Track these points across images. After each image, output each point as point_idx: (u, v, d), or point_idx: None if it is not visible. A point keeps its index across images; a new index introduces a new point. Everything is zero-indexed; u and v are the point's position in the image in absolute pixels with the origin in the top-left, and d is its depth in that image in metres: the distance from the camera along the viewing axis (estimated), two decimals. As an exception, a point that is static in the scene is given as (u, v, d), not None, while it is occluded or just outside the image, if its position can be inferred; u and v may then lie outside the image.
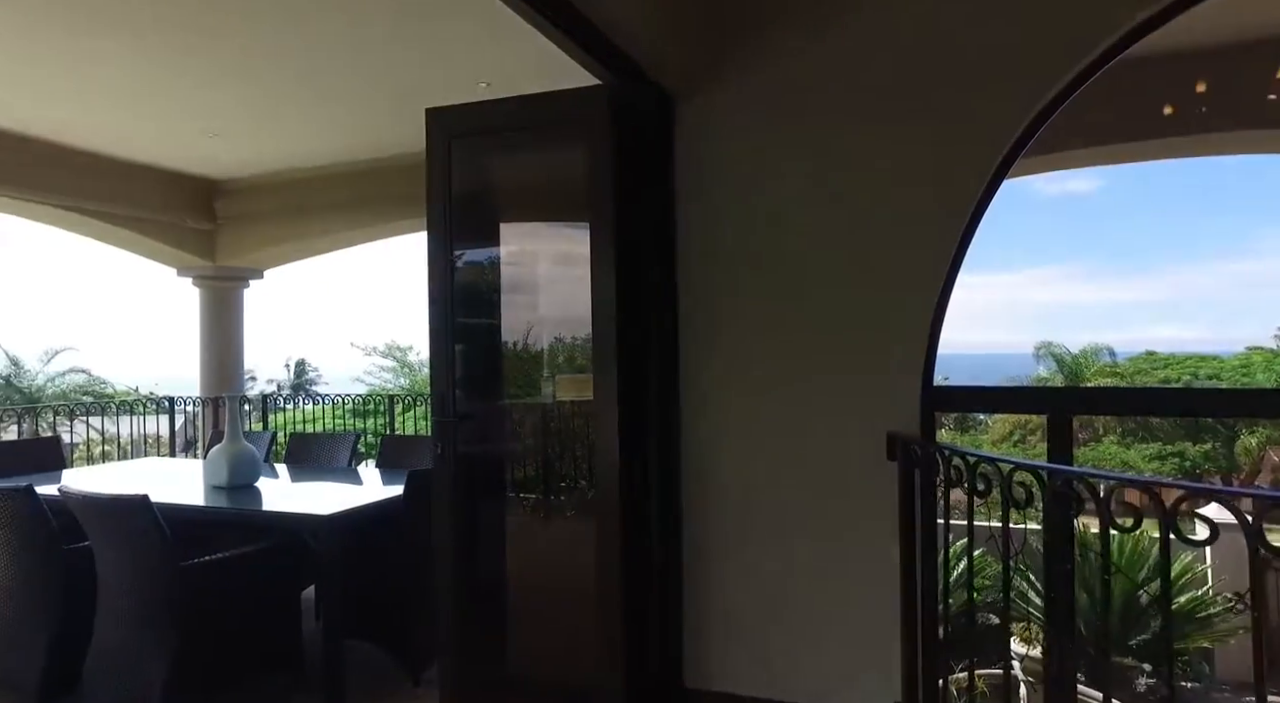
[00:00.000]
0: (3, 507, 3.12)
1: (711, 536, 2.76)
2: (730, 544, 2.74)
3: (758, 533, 2.70)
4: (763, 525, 2.69)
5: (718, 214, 2.75)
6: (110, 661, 2.93)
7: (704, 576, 2.77)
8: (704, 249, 2.77)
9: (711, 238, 2.76)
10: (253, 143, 6.16)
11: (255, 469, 3.78)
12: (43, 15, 3.88)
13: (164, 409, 7.91)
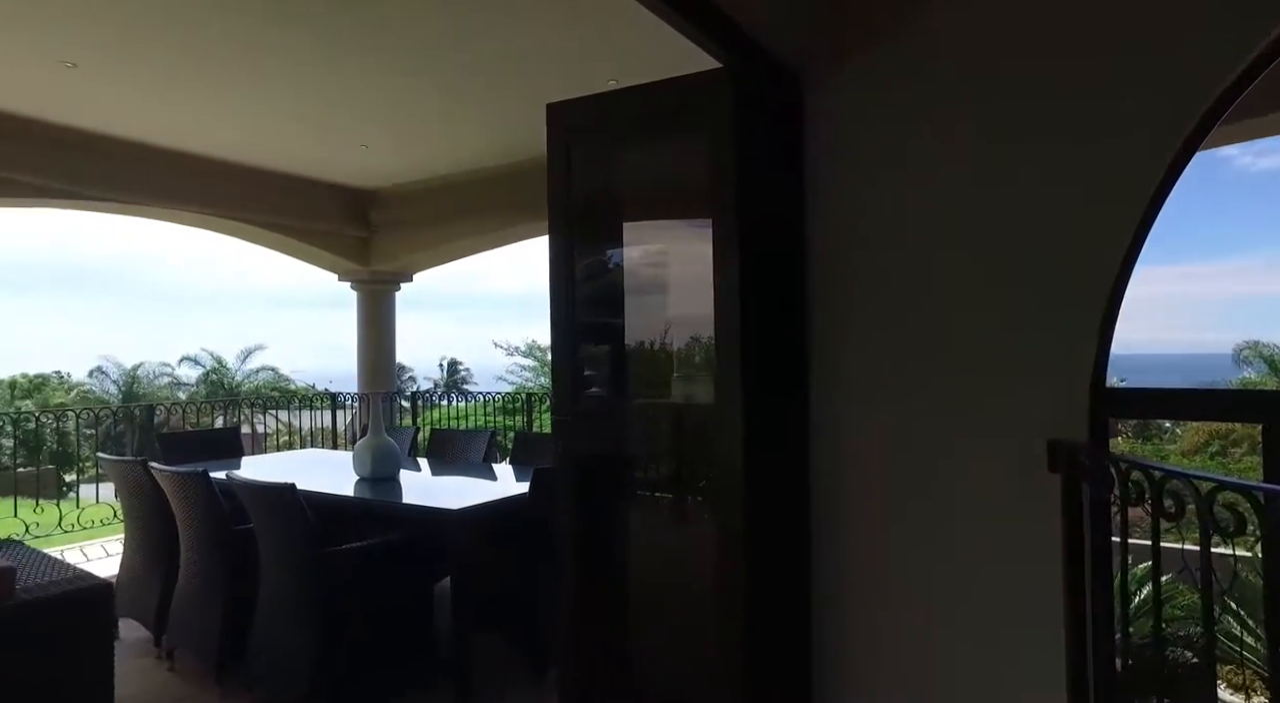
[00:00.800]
0: (185, 489, 3.44)
1: (844, 549, 2.56)
2: (865, 561, 2.52)
3: (897, 548, 2.47)
4: (902, 539, 2.46)
5: (852, 205, 2.54)
6: (269, 633, 3.16)
7: (836, 594, 2.57)
8: (836, 242, 2.56)
9: (844, 231, 2.55)
10: (400, 153, 6.56)
11: (395, 462, 3.97)
12: (225, 57, 4.31)
13: (331, 404, 8.57)
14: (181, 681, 3.47)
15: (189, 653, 3.56)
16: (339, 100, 5.21)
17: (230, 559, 3.34)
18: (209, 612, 3.38)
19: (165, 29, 4.07)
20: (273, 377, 23.37)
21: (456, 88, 4.98)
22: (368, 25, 4.02)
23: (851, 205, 2.54)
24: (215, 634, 3.31)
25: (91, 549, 5.87)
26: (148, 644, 3.73)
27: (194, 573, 3.51)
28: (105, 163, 5.84)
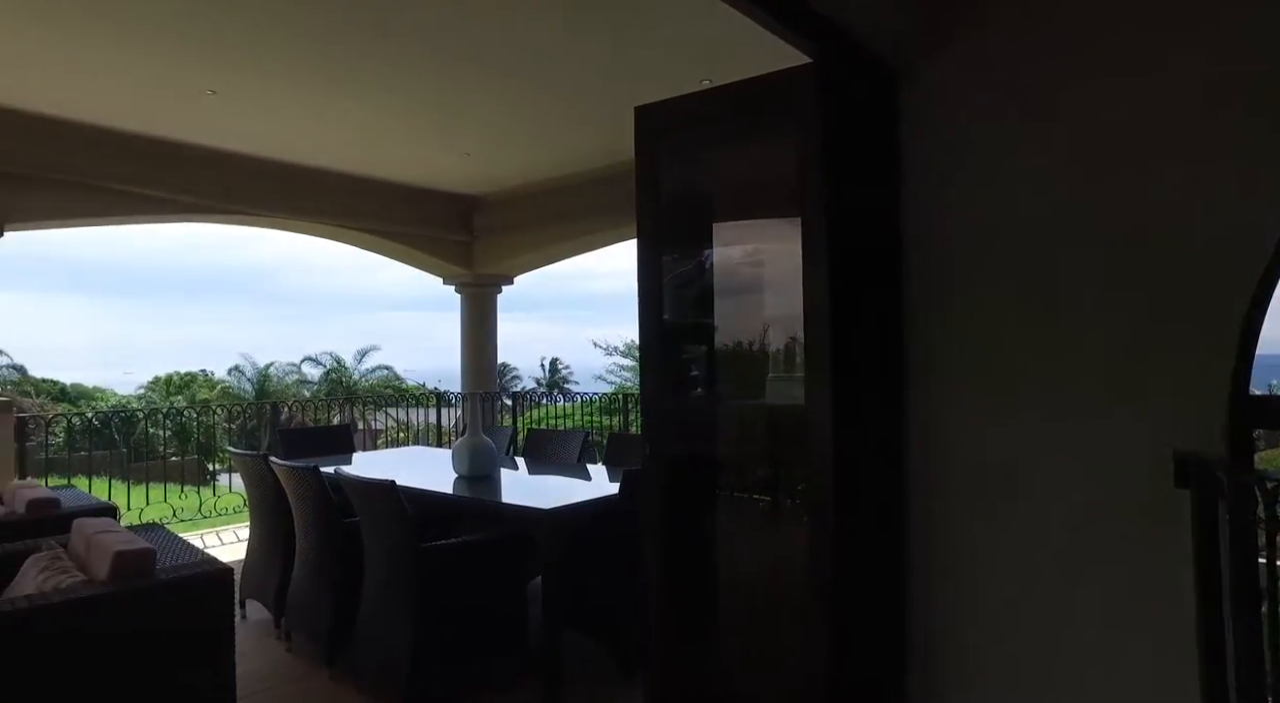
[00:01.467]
0: (298, 483, 3.66)
1: (941, 559, 2.42)
2: (964, 580, 2.38)
3: (1001, 567, 2.31)
4: (1005, 556, 2.30)
5: (954, 200, 2.40)
6: (372, 622, 3.31)
7: (934, 613, 2.44)
8: (935, 241, 2.43)
9: (944, 228, 2.42)
10: (500, 160, 6.77)
11: (492, 461, 4.07)
12: (343, 77, 4.58)
13: (437, 403, 8.93)
14: (297, 660, 3.69)
15: (303, 635, 3.79)
16: (444, 112, 5.43)
17: (339, 550, 3.52)
18: (320, 598, 3.58)
19: (290, 54, 4.39)
20: (387, 375, 24.62)
21: (553, 94, 5.08)
22: (468, 40, 4.18)
23: (953, 200, 2.40)
24: (325, 620, 3.51)
25: (225, 534, 6.35)
26: (269, 625, 4.00)
27: (307, 561, 3.73)
28: (242, 179, 6.33)
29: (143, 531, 3.32)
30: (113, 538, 2.49)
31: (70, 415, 11.34)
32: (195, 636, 2.48)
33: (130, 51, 4.34)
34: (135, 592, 2.32)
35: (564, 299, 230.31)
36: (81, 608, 2.23)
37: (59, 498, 3.64)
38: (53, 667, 2.17)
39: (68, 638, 2.21)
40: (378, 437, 12.50)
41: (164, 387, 26.10)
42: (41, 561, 2.60)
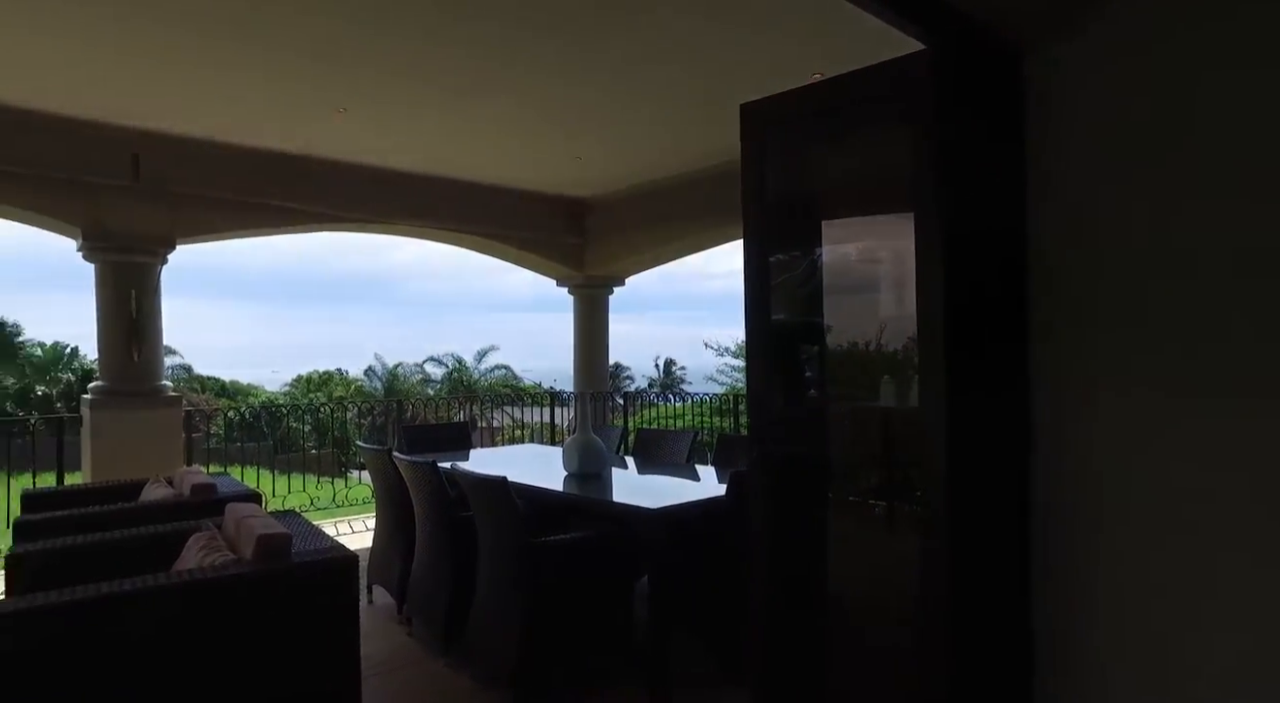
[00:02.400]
0: (418, 477, 3.86)
1: (1074, 579, 2.24)
2: (1107, 606, 2.18)
3: (1154, 579, 2.11)
4: (1161, 570, 2.09)
5: (1085, 194, 2.22)
6: (485, 612, 3.43)
7: (1063, 627, 2.26)
8: (1067, 238, 2.24)
9: (1077, 224, 2.23)
10: (610, 163, 6.88)
11: (601, 460, 4.14)
12: (460, 91, 4.79)
13: (550, 402, 9.19)
14: (416, 645, 3.89)
15: (422, 621, 3.99)
16: (557, 118, 5.58)
17: (454, 542, 3.68)
18: (437, 588, 3.76)
19: (416, 73, 4.64)
20: (505, 375, 25.53)
21: (661, 95, 5.11)
22: (576, 47, 4.27)
23: (1080, 195, 2.22)
24: (442, 608, 3.67)
25: (356, 523, 6.79)
26: (393, 610, 4.23)
27: (425, 552, 3.92)
28: (371, 190, 6.76)
29: (282, 517, 3.59)
30: (257, 522, 2.71)
31: (227, 411, 12.48)
32: (325, 615, 2.66)
33: (274, 79, 4.72)
34: (274, 572, 2.51)
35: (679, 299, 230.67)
36: (230, 584, 2.44)
37: (216, 484, 3.99)
38: (206, 632, 2.39)
39: (219, 608, 2.42)
40: (496, 434, 13.01)
41: (305, 385, 28.18)
42: (201, 539, 2.87)
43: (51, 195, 5.48)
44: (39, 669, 2.14)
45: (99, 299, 5.80)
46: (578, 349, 8.76)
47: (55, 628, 2.18)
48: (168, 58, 4.42)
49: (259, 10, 3.82)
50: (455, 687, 3.42)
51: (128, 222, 5.71)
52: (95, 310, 5.82)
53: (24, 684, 2.12)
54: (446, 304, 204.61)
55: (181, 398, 6.47)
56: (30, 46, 4.24)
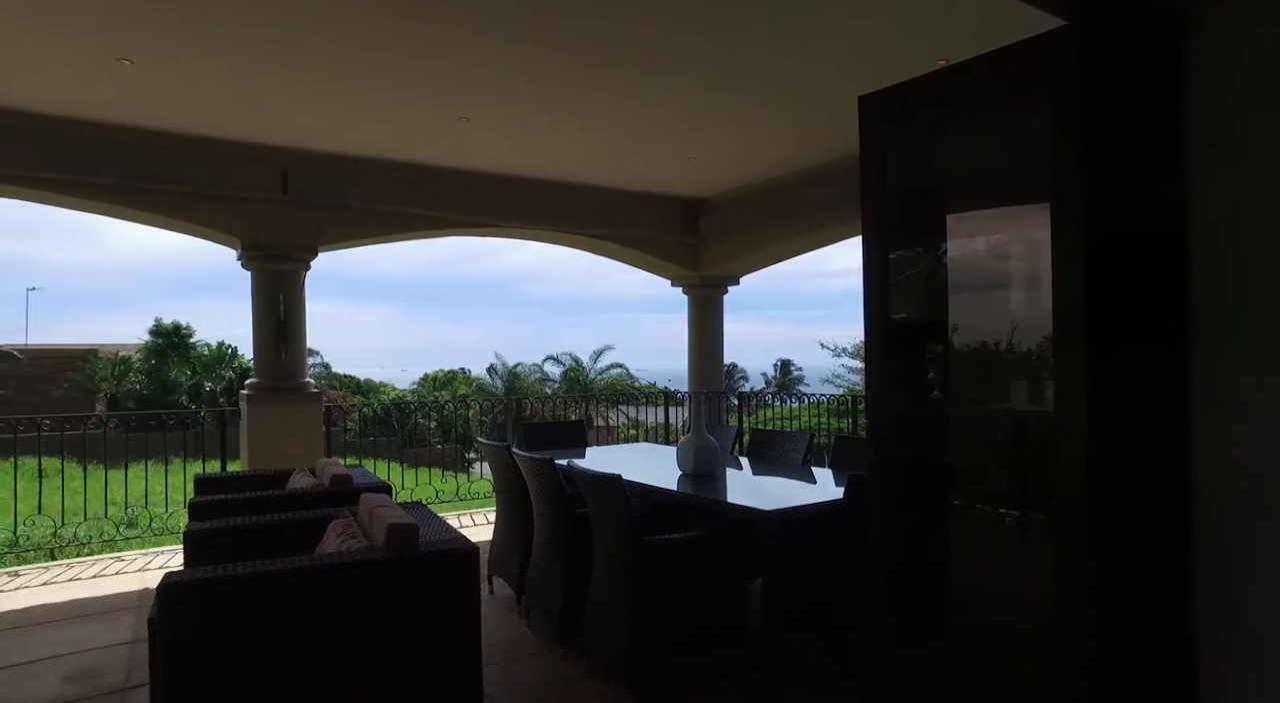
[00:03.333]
0: (536, 473, 3.97)
1: (1257, 638, 2.01)
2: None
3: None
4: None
5: (1263, 172, 1.99)
6: (599, 607, 3.49)
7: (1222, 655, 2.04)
8: (1242, 222, 2.03)
9: (1249, 214, 2.01)
10: (724, 161, 6.85)
11: (715, 459, 4.11)
12: (575, 96, 4.91)
13: (665, 401, 9.23)
14: (534, 636, 4.01)
15: (540, 613, 4.10)
16: (669, 119, 5.61)
17: (570, 537, 3.77)
18: (554, 581, 3.85)
19: (534, 81, 4.79)
20: (620, 374, 25.92)
21: (779, 91, 5.03)
22: (692, 47, 4.27)
23: (1254, 180, 1.99)
24: (559, 601, 3.77)
25: (478, 517, 7.09)
26: (512, 601, 4.39)
27: (543, 546, 4.03)
28: (491, 195, 7.04)
29: (410, 508, 3.79)
30: (387, 512, 2.87)
31: (361, 407, 13.36)
32: (449, 602, 2.79)
33: (403, 95, 5.00)
34: (403, 559, 2.66)
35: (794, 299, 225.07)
36: (364, 568, 2.61)
37: (352, 475, 4.28)
38: (342, 611, 2.57)
39: (354, 590, 2.59)
40: (611, 433, 13.26)
41: (430, 383, 29.71)
42: (339, 526, 3.08)
43: (216, 211, 6.05)
44: (208, 629, 2.38)
45: (254, 303, 6.36)
46: (692, 349, 8.77)
47: (226, 596, 2.41)
48: (312, 83, 4.80)
49: (394, 34, 4.06)
50: (571, 678, 3.49)
51: (277, 232, 6.22)
52: (250, 314, 6.38)
53: (195, 641, 2.36)
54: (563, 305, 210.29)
55: (322, 394, 6.98)
56: (199, 78, 4.70)
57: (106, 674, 3.56)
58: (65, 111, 5.24)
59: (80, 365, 23.05)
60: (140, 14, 3.89)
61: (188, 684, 2.35)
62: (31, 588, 5.00)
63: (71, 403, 21.62)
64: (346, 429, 14.52)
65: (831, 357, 16.31)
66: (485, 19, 3.93)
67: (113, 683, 3.47)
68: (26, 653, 3.86)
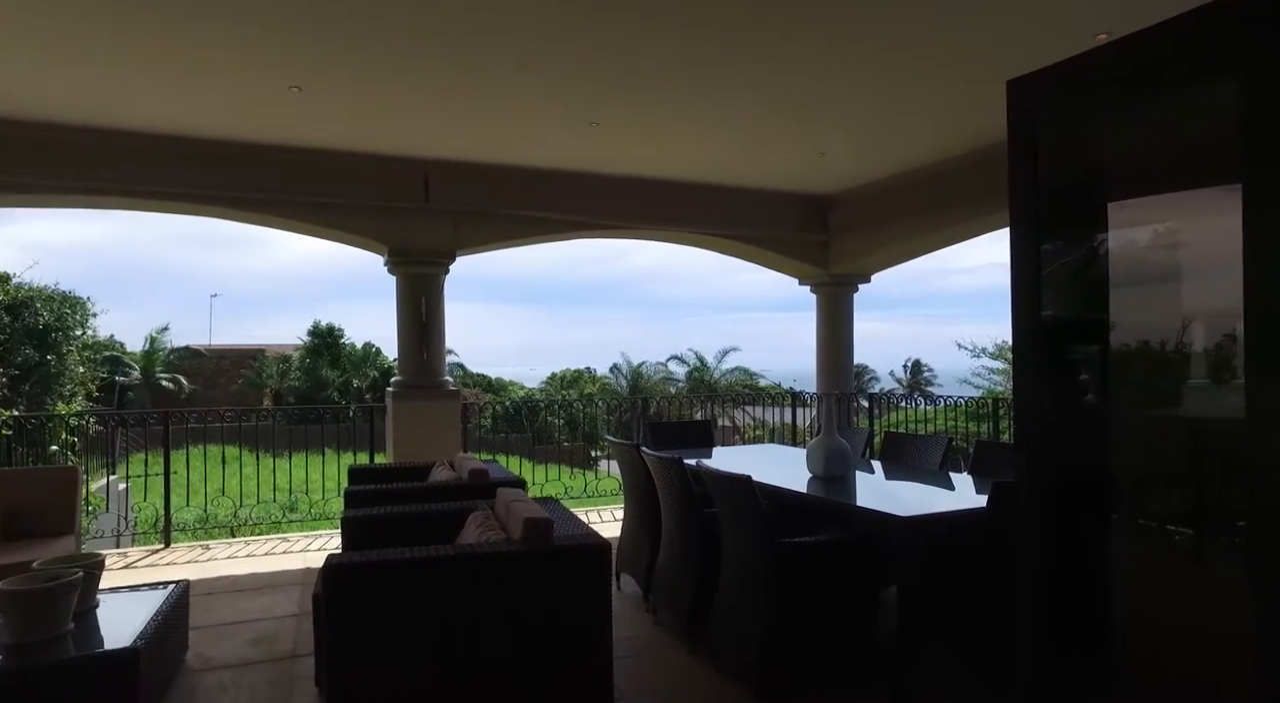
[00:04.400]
0: (664, 472, 4.01)
1: None
2: None
3: None
4: None
5: None
6: (727, 608, 3.48)
7: None
8: None
9: None
10: (856, 156, 6.64)
11: (846, 463, 4.00)
12: (702, 102, 4.92)
13: (791, 402, 9.06)
14: (662, 633, 4.05)
15: (668, 611, 4.14)
16: (798, 114, 5.51)
17: (699, 536, 3.77)
18: (682, 579, 3.87)
19: (663, 81, 4.84)
20: (743, 375, 25.76)
21: (916, 81, 4.83)
22: (823, 40, 4.18)
23: None
24: (686, 599, 3.78)
25: (604, 513, 7.24)
26: (639, 598, 4.45)
27: (671, 544, 4.06)
28: (618, 197, 7.18)
29: (543, 503, 3.94)
30: (523, 507, 2.99)
31: (494, 404, 13.99)
32: (581, 595, 2.86)
33: (534, 102, 5.18)
34: (538, 552, 2.76)
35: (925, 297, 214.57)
36: (502, 558, 2.73)
37: (488, 469, 4.49)
38: (480, 599, 2.70)
39: (492, 579, 2.72)
40: (735, 433, 13.17)
41: (558, 382, 30.65)
42: (478, 517, 3.24)
43: (369, 220, 6.52)
44: (364, 606, 2.57)
45: (398, 306, 6.80)
46: (820, 349, 8.56)
47: (380, 578, 2.60)
48: (451, 96, 5.08)
49: (531, 44, 4.22)
50: (698, 676, 3.50)
51: (420, 238, 6.63)
52: (395, 316, 6.82)
53: (353, 615, 2.55)
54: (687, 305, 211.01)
55: (460, 392, 7.36)
56: (354, 100, 5.08)
57: (280, 641, 3.93)
58: (242, 136, 5.81)
59: (251, 363, 25.56)
60: (310, 48, 4.30)
61: (347, 652, 2.56)
62: (218, 561, 5.59)
63: (245, 397, 24.03)
64: (480, 426, 15.27)
65: (970, 357, 15.39)
66: (612, 28, 4.02)
67: (284, 650, 3.82)
68: (221, 617, 4.34)
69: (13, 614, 2.83)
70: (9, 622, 2.84)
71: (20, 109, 5.18)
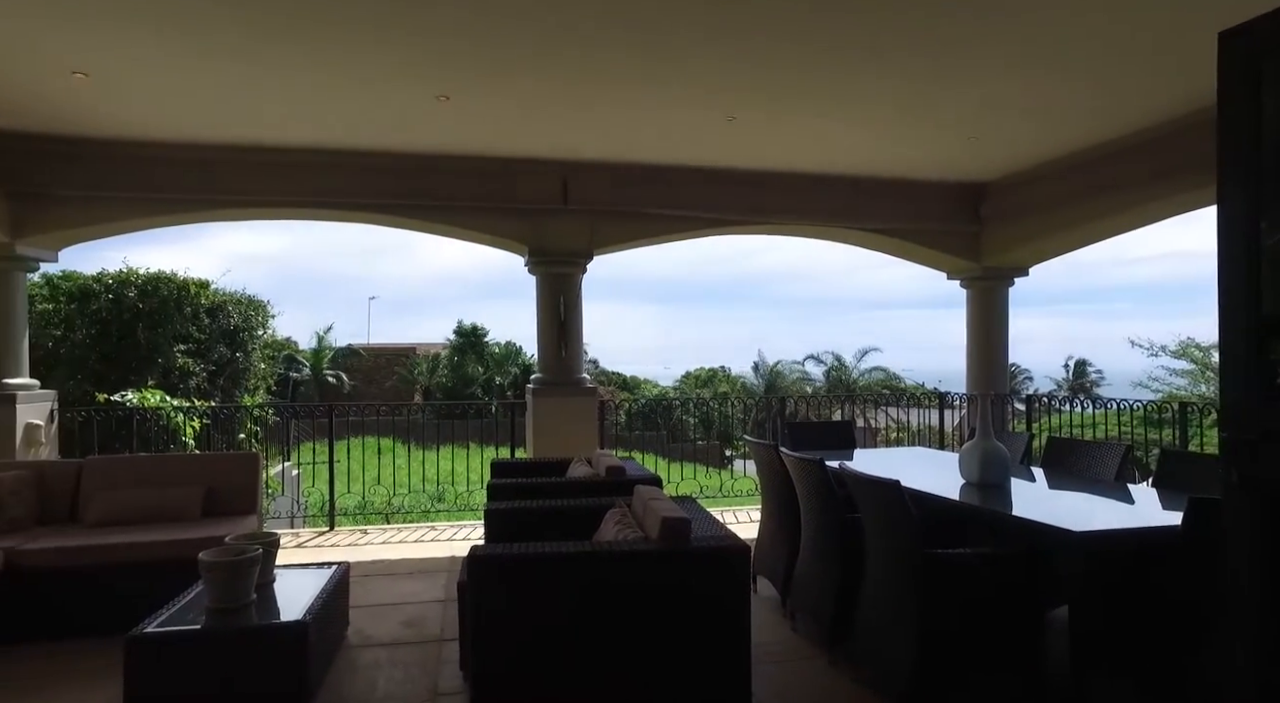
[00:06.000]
0: (804, 473, 3.85)
1: None
2: None
3: None
4: None
5: None
6: (872, 620, 3.28)
7: None
8: None
9: None
10: (1013, 138, 6.12)
11: (1005, 469, 3.68)
12: (839, 90, 4.70)
13: (939, 404, 8.53)
14: (800, 640, 3.89)
15: (807, 617, 3.97)
16: (946, 97, 5.15)
17: (841, 542, 3.59)
18: (822, 586, 3.70)
19: (799, 72, 4.67)
20: (883, 375, 24.77)
21: (1085, 48, 4.36)
22: (968, 14, 3.85)
23: None
24: (827, 607, 3.61)
25: (740, 514, 7.11)
26: (777, 603, 4.30)
27: (811, 548, 3.89)
28: (751, 192, 7.03)
29: (680, 502, 3.88)
30: (660, 505, 2.95)
31: (627, 402, 14.18)
32: (719, 599, 2.78)
33: (673, 95, 5.14)
34: (676, 552, 2.70)
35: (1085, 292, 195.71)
36: (640, 558, 2.70)
37: (624, 467, 4.50)
38: (619, 595, 2.68)
39: (629, 578, 2.69)
40: (875, 435, 12.61)
41: (692, 381, 30.67)
42: (615, 515, 3.23)
43: (511, 222, 6.75)
44: (505, 595, 2.63)
45: (538, 305, 6.98)
46: (972, 347, 7.99)
47: (521, 570, 2.65)
48: (590, 98, 5.15)
49: (664, 42, 4.19)
50: (839, 689, 3.33)
51: (558, 238, 6.78)
52: (535, 315, 7.01)
53: (494, 604, 2.61)
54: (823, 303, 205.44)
55: (596, 389, 7.46)
56: (497, 106, 5.25)
57: (428, 625, 4.12)
58: (394, 146, 6.17)
59: (404, 361, 27.40)
60: (458, 58, 4.51)
61: (488, 640, 2.61)
62: (374, 545, 5.98)
63: (398, 393, 25.80)
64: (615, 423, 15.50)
65: (1146, 356, 13.81)
66: (748, 16, 3.90)
67: (432, 633, 3.99)
68: (378, 597, 4.62)
69: (211, 582, 3.21)
70: (209, 588, 3.22)
71: (244, 137, 5.77)
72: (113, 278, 8.32)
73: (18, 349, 6.19)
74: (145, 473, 4.74)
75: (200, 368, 8.67)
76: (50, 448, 6.28)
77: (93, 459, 4.91)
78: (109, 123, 5.53)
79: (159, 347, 8.30)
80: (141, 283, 8.37)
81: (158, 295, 8.37)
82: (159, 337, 8.30)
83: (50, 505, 4.58)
